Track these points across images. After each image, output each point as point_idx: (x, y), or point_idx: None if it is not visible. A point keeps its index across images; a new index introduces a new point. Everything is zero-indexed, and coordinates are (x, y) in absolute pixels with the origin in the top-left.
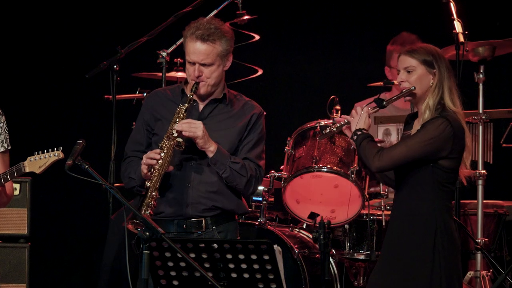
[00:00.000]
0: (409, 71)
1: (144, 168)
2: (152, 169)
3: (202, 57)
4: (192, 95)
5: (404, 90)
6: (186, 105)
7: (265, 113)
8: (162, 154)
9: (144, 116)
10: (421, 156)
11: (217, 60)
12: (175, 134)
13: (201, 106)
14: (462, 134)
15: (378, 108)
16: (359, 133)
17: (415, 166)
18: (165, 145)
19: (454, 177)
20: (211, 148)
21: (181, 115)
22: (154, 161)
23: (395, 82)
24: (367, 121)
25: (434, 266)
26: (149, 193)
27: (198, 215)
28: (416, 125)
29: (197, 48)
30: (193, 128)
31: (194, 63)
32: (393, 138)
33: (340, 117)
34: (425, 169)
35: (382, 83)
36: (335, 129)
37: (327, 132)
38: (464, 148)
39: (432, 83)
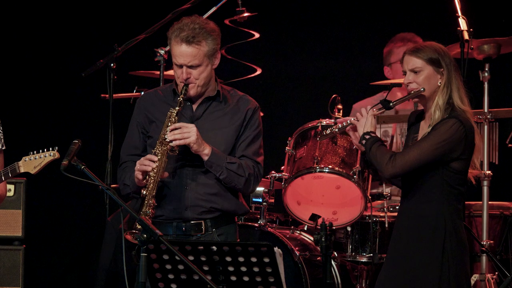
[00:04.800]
0: (416, 72)
1: (138, 174)
2: (147, 176)
3: (189, 60)
4: (183, 98)
5: (412, 92)
6: (177, 108)
7: (260, 107)
8: (156, 160)
9: (138, 118)
10: (434, 158)
11: (204, 60)
12: (168, 140)
13: (194, 105)
14: (473, 134)
15: (384, 110)
16: (367, 137)
17: (425, 168)
18: (159, 150)
19: (464, 178)
20: (205, 151)
21: (173, 118)
22: (149, 168)
23: (402, 84)
24: (374, 123)
25: (443, 268)
26: (146, 201)
27: (197, 217)
28: (424, 126)
29: (183, 51)
30: (186, 134)
31: (181, 66)
32: (393, 139)
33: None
34: (434, 170)
35: (386, 83)
36: (337, 130)
37: (328, 133)
38: (474, 148)
39: (440, 83)
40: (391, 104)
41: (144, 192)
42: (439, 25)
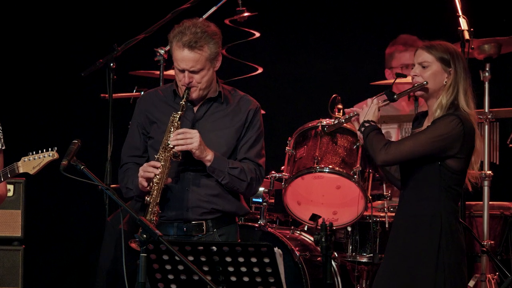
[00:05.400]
0: (424, 67)
1: (142, 181)
2: (150, 183)
3: (191, 65)
4: (185, 102)
5: (416, 84)
6: (180, 113)
7: (261, 106)
8: (160, 167)
9: (139, 119)
10: (429, 152)
11: (206, 64)
12: (171, 146)
13: (196, 106)
14: (473, 135)
15: (388, 101)
16: (367, 124)
17: (422, 165)
18: (162, 157)
19: (462, 179)
20: (208, 157)
21: (176, 123)
22: (152, 174)
23: (408, 76)
24: (376, 114)
25: (438, 269)
26: (150, 209)
27: (198, 218)
28: (426, 124)
29: (185, 56)
30: (189, 140)
31: (183, 70)
32: (394, 139)
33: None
34: (432, 169)
35: (387, 83)
36: (343, 120)
37: (335, 123)
38: (473, 150)
39: (446, 82)
40: (395, 96)
41: (148, 199)
42: (439, 24)
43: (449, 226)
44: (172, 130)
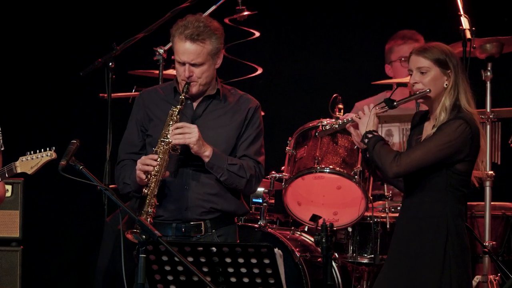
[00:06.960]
0: (423, 72)
1: (140, 174)
2: (148, 175)
3: (192, 57)
4: (184, 96)
5: (418, 92)
6: (179, 107)
7: (261, 105)
8: (158, 159)
9: (138, 116)
10: (440, 159)
11: (208, 59)
12: (170, 139)
13: (195, 103)
14: (478, 136)
15: (387, 109)
16: (370, 135)
17: (429, 169)
18: (160, 149)
19: (468, 180)
20: (206, 153)
21: (175, 117)
22: (151, 168)
23: (408, 84)
24: (376, 122)
25: (444, 271)
26: (148, 201)
27: (197, 218)
28: (428, 128)
29: (187, 49)
30: (187, 134)
31: (184, 63)
32: (395, 139)
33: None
34: (439, 172)
35: (388, 82)
36: (337, 126)
37: (327, 128)
38: (479, 151)
39: (446, 85)
40: (395, 103)
41: (146, 191)
42: (441, 23)
43: (455, 228)
44: (171, 123)
